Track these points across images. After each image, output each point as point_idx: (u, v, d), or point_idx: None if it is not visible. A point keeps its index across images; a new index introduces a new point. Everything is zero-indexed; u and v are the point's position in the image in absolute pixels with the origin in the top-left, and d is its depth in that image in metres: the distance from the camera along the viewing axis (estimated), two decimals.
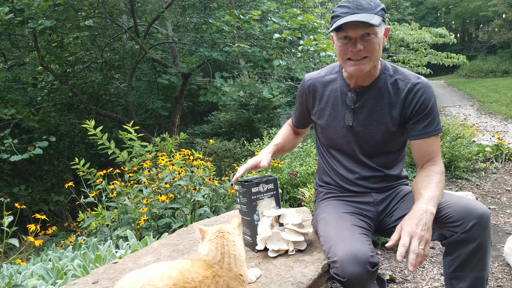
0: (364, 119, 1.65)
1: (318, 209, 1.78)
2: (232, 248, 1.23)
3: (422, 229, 1.35)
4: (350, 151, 1.71)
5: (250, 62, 6.85)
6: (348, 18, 1.47)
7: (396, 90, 1.62)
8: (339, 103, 1.70)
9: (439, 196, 1.47)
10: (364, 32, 1.50)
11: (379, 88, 1.63)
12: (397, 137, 1.67)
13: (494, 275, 2.36)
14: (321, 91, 1.75)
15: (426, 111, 1.59)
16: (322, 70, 1.81)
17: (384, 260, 2.62)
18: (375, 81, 1.64)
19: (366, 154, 1.70)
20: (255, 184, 1.64)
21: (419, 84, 1.60)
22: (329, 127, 1.73)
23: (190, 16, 8.19)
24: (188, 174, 2.95)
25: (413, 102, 1.60)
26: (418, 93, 1.59)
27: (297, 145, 2.07)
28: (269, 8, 6.39)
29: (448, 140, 4.55)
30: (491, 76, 21.20)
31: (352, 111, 1.66)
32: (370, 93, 1.64)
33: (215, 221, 2.19)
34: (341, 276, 1.36)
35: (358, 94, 1.65)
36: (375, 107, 1.64)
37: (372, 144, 1.67)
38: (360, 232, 1.51)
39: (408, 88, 1.61)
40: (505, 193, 4.07)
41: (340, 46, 1.56)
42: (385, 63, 1.68)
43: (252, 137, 7.95)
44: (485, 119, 10.36)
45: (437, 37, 7.85)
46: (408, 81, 1.62)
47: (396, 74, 1.65)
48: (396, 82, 1.63)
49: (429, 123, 1.60)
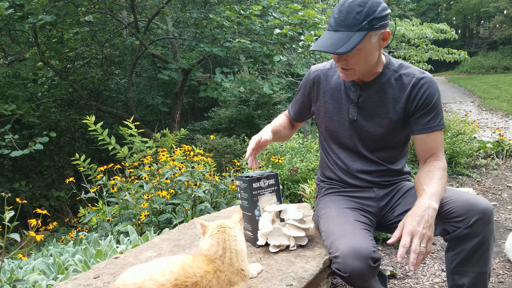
0: (368, 114, 1.65)
1: (319, 204, 1.77)
2: (234, 243, 1.23)
3: (424, 226, 1.34)
4: (353, 145, 1.70)
5: (250, 58, 6.83)
6: (319, 44, 1.47)
7: (400, 85, 1.62)
8: (343, 96, 1.69)
9: (441, 192, 1.46)
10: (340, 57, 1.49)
11: (382, 83, 1.63)
12: (400, 131, 1.66)
13: (495, 271, 2.36)
14: (325, 83, 1.75)
15: (430, 105, 1.58)
16: (327, 63, 1.80)
17: (385, 256, 2.62)
18: (378, 77, 1.63)
19: (369, 148, 1.69)
20: (256, 180, 1.64)
21: (423, 79, 1.59)
22: (332, 120, 1.73)
23: (190, 12, 8.14)
24: (188, 170, 2.95)
25: (417, 97, 1.59)
26: (423, 88, 1.58)
27: (290, 136, 2.05)
28: (270, 3, 6.36)
29: (449, 136, 4.54)
30: (492, 73, 21.15)
31: (356, 105, 1.66)
32: (374, 87, 1.63)
33: (216, 217, 2.18)
34: (343, 271, 1.36)
35: (362, 89, 1.65)
36: (379, 101, 1.63)
37: (375, 138, 1.66)
38: (362, 227, 1.51)
39: (412, 83, 1.60)
40: (506, 189, 4.07)
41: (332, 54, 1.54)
42: (389, 59, 1.67)
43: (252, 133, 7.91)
44: (486, 116, 10.35)
45: (438, 32, 7.80)
46: (413, 76, 1.61)
47: (401, 69, 1.64)
48: (401, 77, 1.62)
49: (432, 118, 1.59)
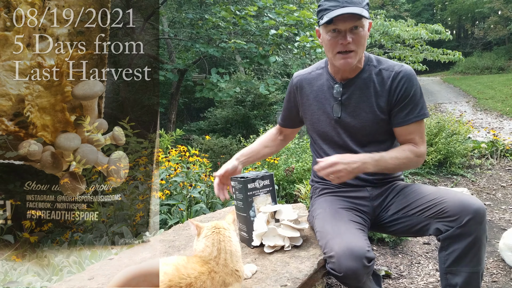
0: (352, 110, 1.68)
1: (314, 205, 1.78)
2: (228, 244, 1.23)
3: (346, 168, 1.49)
4: (342, 143, 1.72)
5: (246, 58, 6.84)
6: (340, 10, 1.50)
7: (381, 80, 1.65)
8: (327, 96, 1.73)
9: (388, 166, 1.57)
10: (353, 25, 1.54)
11: (364, 79, 1.67)
12: (386, 124, 1.69)
13: (489, 270, 2.38)
14: (308, 87, 1.79)
15: (408, 98, 1.62)
16: (309, 68, 1.87)
17: (380, 256, 2.63)
18: (360, 73, 1.68)
19: (358, 144, 1.71)
20: (251, 180, 1.64)
21: (402, 72, 1.63)
22: (319, 121, 1.76)
23: (186, 12, 8.14)
24: (184, 171, 2.95)
25: (397, 90, 1.63)
26: (402, 81, 1.62)
27: (279, 149, 2.11)
28: (265, 4, 6.37)
29: (444, 136, 4.56)
30: (486, 73, 21.24)
31: (339, 103, 1.69)
32: (356, 84, 1.67)
33: (211, 217, 2.19)
34: (337, 271, 1.37)
35: (345, 86, 1.69)
36: (362, 97, 1.67)
37: (362, 134, 1.69)
38: (357, 227, 1.52)
39: (392, 77, 1.64)
40: (500, 189, 4.10)
41: (330, 39, 1.59)
42: (368, 55, 1.72)
43: (248, 134, 7.94)
44: (481, 116, 10.40)
45: (433, 33, 7.85)
46: (392, 70, 1.65)
47: (380, 64, 1.69)
48: (381, 72, 1.66)
49: (410, 110, 1.62)
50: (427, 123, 4.71)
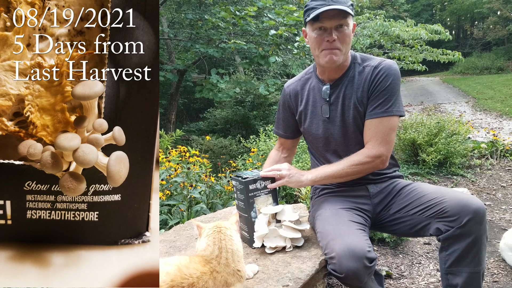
0: (340, 108, 1.69)
1: (315, 206, 1.78)
2: (230, 243, 1.23)
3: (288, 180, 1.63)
4: (335, 142, 1.73)
5: (246, 59, 6.83)
6: (326, 7, 1.53)
7: (363, 77, 1.66)
8: (317, 99, 1.75)
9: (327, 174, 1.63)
10: (338, 23, 1.57)
11: (350, 77, 1.68)
12: None
13: (490, 270, 2.38)
14: (301, 93, 1.82)
15: (382, 90, 1.61)
16: (298, 75, 1.90)
17: (381, 256, 2.63)
18: (346, 72, 1.69)
19: (352, 141, 1.71)
20: (252, 181, 1.64)
21: (381, 65, 1.64)
22: (312, 124, 1.77)
23: (185, 12, 8.14)
24: (184, 171, 2.94)
25: (374, 80, 1.63)
26: (380, 73, 1.62)
27: None
28: (265, 4, 6.37)
29: (444, 136, 4.56)
30: (486, 73, 21.24)
31: (328, 104, 1.70)
32: (343, 83, 1.69)
33: (212, 218, 2.18)
34: (338, 272, 1.37)
35: (332, 87, 1.71)
36: (348, 95, 1.68)
37: (353, 130, 1.69)
38: (357, 227, 1.51)
39: (372, 72, 1.64)
40: (500, 189, 4.10)
41: (316, 37, 1.62)
42: (354, 54, 1.74)
43: (248, 134, 7.94)
44: (480, 116, 10.40)
45: (432, 33, 7.84)
46: (372, 65, 1.66)
47: (364, 62, 1.70)
48: (364, 69, 1.68)
49: (380, 103, 1.61)
50: (427, 123, 4.71)
